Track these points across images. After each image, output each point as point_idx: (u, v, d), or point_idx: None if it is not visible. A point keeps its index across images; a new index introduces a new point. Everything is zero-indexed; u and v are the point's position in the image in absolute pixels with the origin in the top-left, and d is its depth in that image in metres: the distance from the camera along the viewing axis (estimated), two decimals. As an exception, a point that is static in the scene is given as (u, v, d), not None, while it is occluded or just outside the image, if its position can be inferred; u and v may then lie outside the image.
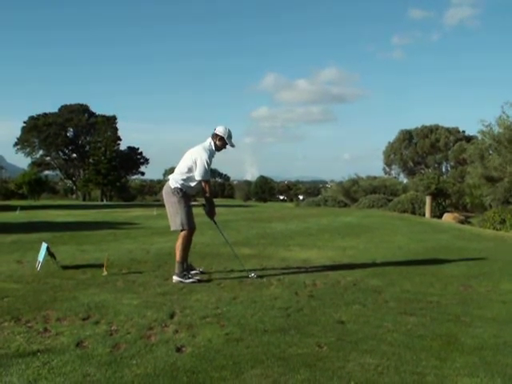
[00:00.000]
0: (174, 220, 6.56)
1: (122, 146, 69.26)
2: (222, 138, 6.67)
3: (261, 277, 6.81)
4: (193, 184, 6.61)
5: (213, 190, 6.43)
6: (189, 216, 6.55)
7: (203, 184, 6.60)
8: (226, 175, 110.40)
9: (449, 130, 55.37)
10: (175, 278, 6.43)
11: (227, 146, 6.79)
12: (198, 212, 6.91)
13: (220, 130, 6.68)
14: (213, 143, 6.67)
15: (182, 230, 6.55)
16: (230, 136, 6.71)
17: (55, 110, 71.67)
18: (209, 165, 6.54)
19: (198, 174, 6.50)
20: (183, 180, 6.58)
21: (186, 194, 6.63)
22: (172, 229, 6.64)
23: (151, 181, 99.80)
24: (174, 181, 6.61)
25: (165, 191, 6.70)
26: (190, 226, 6.57)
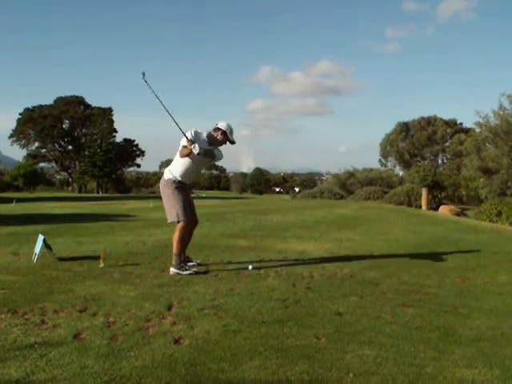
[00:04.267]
0: (170, 212, 6.54)
1: (118, 138, 69.07)
2: (224, 133, 6.63)
3: (258, 268, 6.81)
4: (183, 169, 6.54)
5: (190, 151, 6.32)
6: (184, 207, 6.50)
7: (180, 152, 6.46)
8: (221, 167, 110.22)
9: (446, 122, 55.45)
10: (172, 270, 6.41)
11: (228, 143, 6.75)
12: (199, 204, 6.89)
13: (223, 125, 6.65)
14: (209, 135, 6.64)
15: (178, 222, 6.54)
16: (231, 132, 6.68)
17: (51, 101, 71.45)
18: (188, 139, 6.30)
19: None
20: (176, 170, 6.55)
21: (182, 185, 6.58)
22: (168, 221, 6.61)
23: (147, 173, 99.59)
24: (169, 172, 6.60)
25: (161, 183, 6.67)
26: (186, 218, 6.53)
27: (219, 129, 6.66)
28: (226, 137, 6.66)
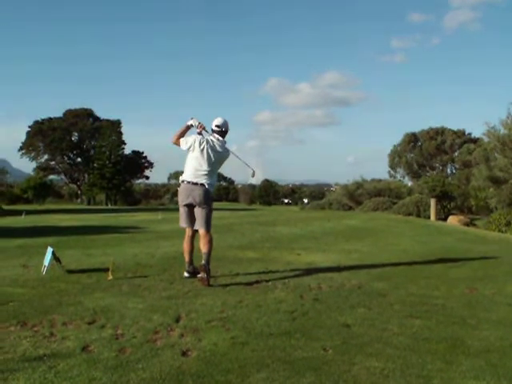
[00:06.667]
0: (209, 222, 6.84)
1: (127, 150, 69.35)
2: (217, 126, 7.05)
3: (266, 280, 6.82)
4: (215, 180, 7.11)
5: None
6: None
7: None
8: (230, 179, 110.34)
9: (455, 132, 55.30)
10: (207, 267, 6.51)
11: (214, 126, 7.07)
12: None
13: (219, 121, 7.07)
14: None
15: (208, 231, 6.78)
16: (224, 123, 7.07)
17: (60, 114, 71.95)
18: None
19: None
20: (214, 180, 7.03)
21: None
22: (203, 230, 6.77)
23: (156, 185, 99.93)
24: (210, 182, 6.86)
25: (204, 191, 6.75)
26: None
27: (218, 126, 7.01)
28: (221, 129, 7.04)
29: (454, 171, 54.17)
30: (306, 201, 71.22)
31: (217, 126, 6.98)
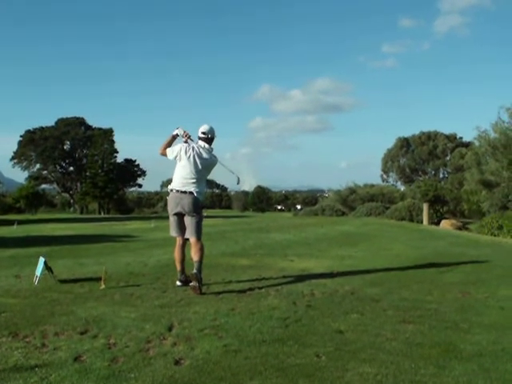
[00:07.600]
0: (199, 230, 6.79)
1: (119, 159, 69.25)
2: (203, 132, 7.05)
3: (259, 288, 6.81)
4: (204, 187, 7.09)
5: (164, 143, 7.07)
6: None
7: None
8: (223, 186, 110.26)
9: (447, 137, 55.58)
10: (198, 275, 6.46)
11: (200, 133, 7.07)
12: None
13: (205, 128, 7.06)
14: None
15: (198, 239, 6.74)
16: (211, 130, 7.06)
17: (52, 123, 71.87)
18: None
19: None
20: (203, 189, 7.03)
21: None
22: (194, 238, 6.73)
23: (149, 193, 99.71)
24: (199, 191, 6.83)
25: (193, 199, 6.73)
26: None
27: (204, 133, 7.00)
28: (207, 135, 7.02)
29: (446, 175, 54.44)
30: (299, 207, 71.26)
31: (203, 132, 6.98)
